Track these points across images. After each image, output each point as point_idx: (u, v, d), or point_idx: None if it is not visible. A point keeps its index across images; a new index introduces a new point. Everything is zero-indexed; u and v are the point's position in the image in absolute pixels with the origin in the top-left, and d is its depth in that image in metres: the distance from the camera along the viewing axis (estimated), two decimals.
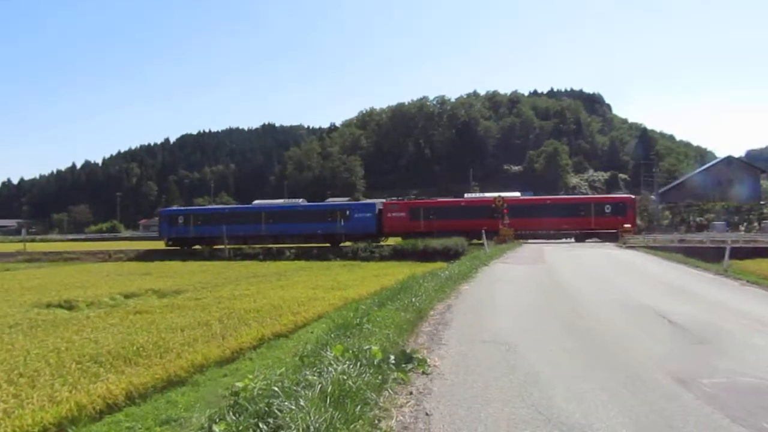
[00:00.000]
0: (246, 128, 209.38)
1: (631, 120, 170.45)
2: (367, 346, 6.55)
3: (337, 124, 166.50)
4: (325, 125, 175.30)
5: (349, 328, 8.41)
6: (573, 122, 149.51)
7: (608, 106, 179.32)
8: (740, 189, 59.19)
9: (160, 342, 11.21)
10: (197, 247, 47.63)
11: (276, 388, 4.94)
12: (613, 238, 39.23)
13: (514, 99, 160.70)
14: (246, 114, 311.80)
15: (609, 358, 7.46)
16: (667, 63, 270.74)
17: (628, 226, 39.18)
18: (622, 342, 8.58)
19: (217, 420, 4.79)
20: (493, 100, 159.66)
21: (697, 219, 49.22)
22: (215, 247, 46.07)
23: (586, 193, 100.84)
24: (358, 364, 5.86)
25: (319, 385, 4.97)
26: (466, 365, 6.98)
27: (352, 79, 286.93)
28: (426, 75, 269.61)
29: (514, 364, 7.03)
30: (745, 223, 46.90)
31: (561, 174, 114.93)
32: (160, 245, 50.85)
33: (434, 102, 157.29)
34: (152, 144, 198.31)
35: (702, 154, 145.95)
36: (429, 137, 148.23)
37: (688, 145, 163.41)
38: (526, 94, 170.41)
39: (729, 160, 67.58)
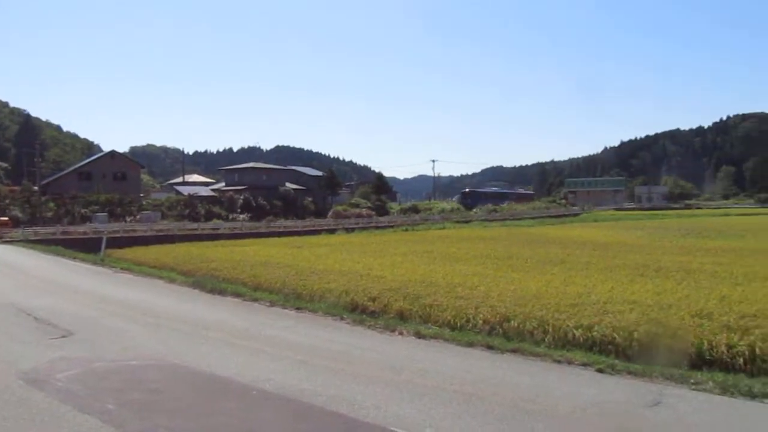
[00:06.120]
0: None
1: (13, 104, 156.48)
2: None
3: None
4: None
5: None
6: None
7: None
8: (129, 182, 63.06)
9: None
10: None
11: None
12: None
13: None
14: None
15: None
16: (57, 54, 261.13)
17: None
18: None
19: None
20: None
21: (83, 210, 49.33)
22: None
23: None
24: None
25: None
26: None
27: None
28: None
29: None
30: (130, 217, 49.85)
31: None
32: None
33: None
34: None
35: (90, 147, 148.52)
36: None
37: (75, 137, 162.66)
38: None
39: (113, 153, 71.26)
